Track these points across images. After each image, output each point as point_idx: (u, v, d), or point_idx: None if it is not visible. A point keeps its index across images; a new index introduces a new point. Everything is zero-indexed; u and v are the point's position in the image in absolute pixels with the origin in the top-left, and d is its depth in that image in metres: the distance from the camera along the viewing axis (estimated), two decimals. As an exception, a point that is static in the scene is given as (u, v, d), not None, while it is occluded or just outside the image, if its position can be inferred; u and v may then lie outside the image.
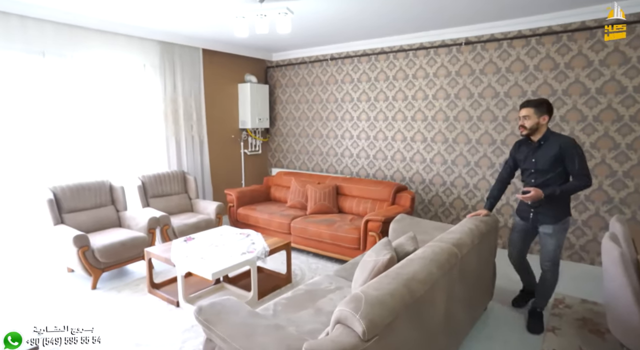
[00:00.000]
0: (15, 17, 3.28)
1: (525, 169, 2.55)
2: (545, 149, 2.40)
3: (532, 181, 2.47)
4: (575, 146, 2.34)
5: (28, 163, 3.55)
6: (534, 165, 2.46)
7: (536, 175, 2.46)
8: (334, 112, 5.19)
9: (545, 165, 2.40)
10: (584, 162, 2.34)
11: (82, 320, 2.70)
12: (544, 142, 2.42)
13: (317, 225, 3.82)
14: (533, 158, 2.46)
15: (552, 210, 2.46)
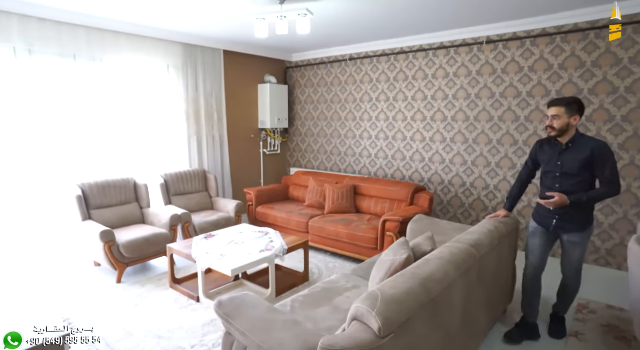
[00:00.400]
0: (51, 23, 3.44)
1: (548, 172, 2.35)
2: (574, 152, 2.20)
3: (557, 186, 2.27)
4: (609, 151, 2.17)
5: (59, 161, 3.70)
6: (560, 168, 2.26)
7: (561, 179, 2.27)
8: (352, 112, 5.19)
9: (573, 169, 2.21)
10: (616, 168, 2.17)
11: (107, 312, 2.81)
12: (572, 144, 2.22)
13: (335, 224, 3.84)
14: (559, 161, 2.26)
15: (579, 218, 2.28)
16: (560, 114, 2.17)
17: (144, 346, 2.38)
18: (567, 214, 2.28)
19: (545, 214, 2.39)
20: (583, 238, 2.32)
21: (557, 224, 2.34)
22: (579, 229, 2.29)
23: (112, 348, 2.37)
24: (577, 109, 2.17)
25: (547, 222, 2.39)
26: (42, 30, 3.40)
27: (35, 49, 3.40)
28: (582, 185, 2.21)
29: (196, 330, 2.57)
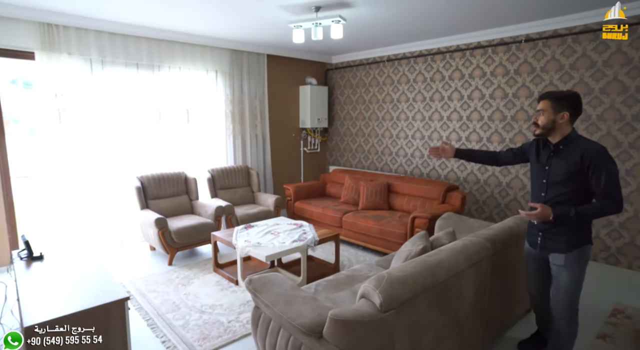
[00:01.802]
0: (119, 36, 3.94)
1: (535, 177, 2.02)
2: (564, 156, 1.86)
3: (542, 194, 1.94)
4: (604, 157, 1.76)
5: (124, 156, 4.21)
6: (546, 174, 1.92)
7: (548, 187, 1.92)
8: (389, 112, 5.30)
9: (559, 176, 1.86)
10: (614, 180, 1.74)
11: (159, 288, 3.19)
12: (563, 146, 1.87)
13: (367, 220, 4.00)
14: (547, 165, 1.92)
15: (564, 235, 1.89)
16: (545, 109, 1.87)
17: (189, 318, 2.72)
18: (551, 229, 1.93)
19: (531, 230, 2.08)
20: (571, 262, 1.89)
21: (542, 242, 1.99)
22: (564, 248, 1.90)
23: (162, 317, 2.73)
24: (566, 105, 1.83)
25: (533, 240, 2.06)
26: (112, 43, 3.90)
27: (107, 59, 3.91)
28: (571, 197, 1.85)
29: (233, 308, 2.86)
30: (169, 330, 2.57)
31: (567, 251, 1.89)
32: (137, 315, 2.79)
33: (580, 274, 1.91)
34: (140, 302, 2.97)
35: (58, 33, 3.58)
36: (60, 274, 2.35)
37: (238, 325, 2.61)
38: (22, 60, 3.59)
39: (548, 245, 1.97)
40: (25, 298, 2.02)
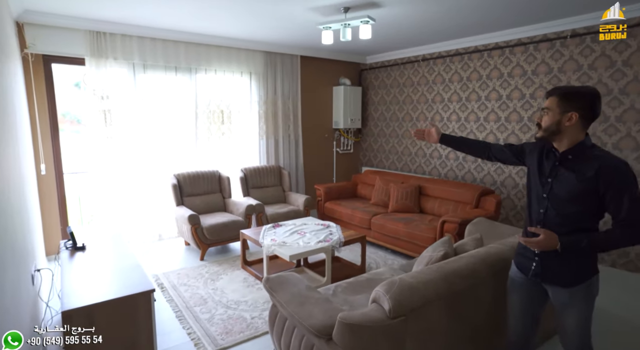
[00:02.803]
0: (160, 41, 4.16)
1: (533, 189, 1.62)
2: (573, 169, 1.48)
3: (541, 211, 1.55)
4: (626, 176, 1.39)
5: (161, 155, 4.43)
6: (549, 188, 1.53)
7: (549, 204, 1.53)
8: (424, 113, 5.17)
9: (565, 193, 1.48)
10: (638, 204, 1.38)
11: (189, 282, 3.34)
12: (572, 156, 1.49)
13: (396, 223, 3.93)
14: (550, 177, 1.54)
15: (569, 264, 1.50)
16: (551, 107, 1.51)
17: (214, 312, 2.82)
18: (551, 257, 1.53)
19: (522, 251, 1.67)
20: (578, 298, 1.51)
21: (537, 269, 1.58)
22: (569, 280, 1.51)
23: (190, 310, 2.85)
24: (576, 105, 1.45)
25: (525, 263, 1.64)
26: (153, 47, 4.13)
27: (148, 63, 4.15)
28: (578, 218, 1.47)
29: (257, 305, 2.93)
30: (194, 322, 2.68)
31: (573, 285, 1.50)
32: (168, 306, 2.94)
33: (589, 308, 1.54)
34: (172, 295, 3.12)
35: (105, 40, 3.84)
36: (97, 264, 2.53)
37: (260, 322, 2.67)
38: (76, 65, 3.90)
39: (547, 275, 1.56)
40: (66, 285, 2.19)
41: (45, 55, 3.70)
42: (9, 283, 1.67)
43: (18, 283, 1.90)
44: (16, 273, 1.91)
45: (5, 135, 2.28)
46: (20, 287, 1.94)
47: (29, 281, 2.22)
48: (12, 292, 1.70)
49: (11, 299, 1.67)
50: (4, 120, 2.09)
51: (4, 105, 2.15)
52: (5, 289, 1.56)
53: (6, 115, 2.15)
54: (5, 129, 2.33)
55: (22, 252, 2.12)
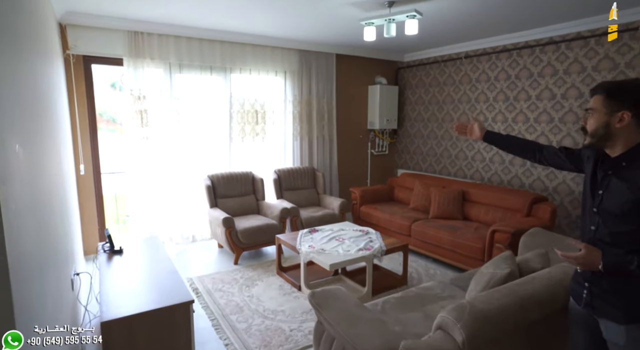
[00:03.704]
0: (195, 41, 4.11)
1: (587, 204, 1.38)
2: (628, 177, 1.24)
3: (592, 228, 1.32)
4: None
5: (195, 156, 4.38)
6: (599, 201, 1.30)
7: (600, 218, 1.29)
8: (466, 113, 4.89)
9: (614, 205, 1.25)
10: None
11: (224, 287, 3.25)
12: (627, 163, 1.25)
13: (438, 230, 3.70)
14: (601, 188, 1.31)
15: (623, 297, 1.24)
16: (596, 108, 1.28)
17: (251, 322, 2.70)
18: (603, 282, 1.28)
19: (575, 275, 1.43)
20: (634, 339, 1.22)
21: (588, 297, 1.33)
22: (622, 315, 1.23)
23: (226, 318, 2.75)
24: (627, 101, 1.22)
25: (577, 290, 1.39)
26: (189, 47, 4.08)
27: (184, 63, 4.10)
28: (634, 240, 1.21)
29: (295, 316, 2.79)
30: (231, 332, 2.57)
31: (629, 321, 1.22)
32: (203, 313, 2.85)
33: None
34: (207, 301, 3.04)
35: (143, 40, 3.82)
36: (135, 269, 2.47)
37: (300, 335, 2.53)
38: (114, 66, 3.91)
39: (596, 305, 1.30)
40: (104, 291, 2.13)
41: (85, 56, 3.72)
42: (51, 289, 1.61)
43: (59, 289, 1.84)
44: (57, 278, 1.85)
45: (50, 136, 2.25)
46: (61, 293, 1.88)
47: (69, 286, 2.17)
48: (53, 300, 1.64)
49: (52, 306, 1.61)
50: (49, 122, 2.04)
51: (49, 107, 2.11)
52: (46, 296, 1.49)
53: (51, 117, 2.11)
54: (50, 130, 2.30)
55: (63, 256, 2.07)
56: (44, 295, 1.44)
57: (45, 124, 1.93)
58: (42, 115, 1.81)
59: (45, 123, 1.93)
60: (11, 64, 1.27)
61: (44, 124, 1.90)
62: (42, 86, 1.92)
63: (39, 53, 2.08)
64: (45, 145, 1.85)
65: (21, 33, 1.52)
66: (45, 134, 1.90)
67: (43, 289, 1.43)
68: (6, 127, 1.06)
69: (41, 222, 1.52)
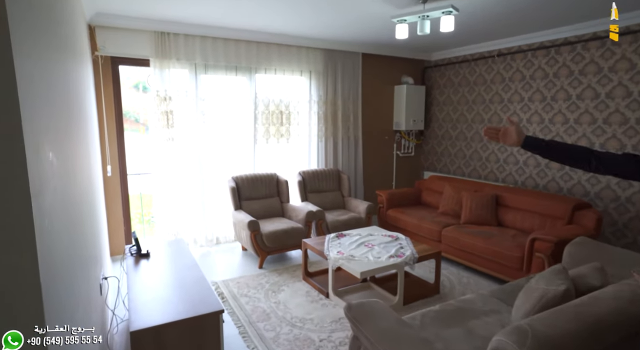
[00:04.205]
0: (221, 41, 4.06)
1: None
2: None
3: None
4: None
5: (220, 157, 4.34)
6: None
7: None
8: (498, 114, 4.68)
9: None
10: None
11: (250, 293, 3.17)
12: None
13: (472, 236, 3.52)
14: None
15: None
16: None
17: (279, 330, 2.61)
18: None
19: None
20: None
21: None
22: None
23: (253, 326, 2.67)
24: None
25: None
26: (215, 47, 4.03)
27: (210, 63, 4.06)
28: None
29: (324, 325, 2.69)
30: (259, 342, 2.49)
31: None
32: (229, 319, 2.78)
33: None
34: (233, 306, 2.97)
35: (169, 40, 3.80)
36: (162, 275, 2.41)
37: (330, 347, 2.43)
38: (141, 67, 3.90)
39: None
40: (132, 298, 2.08)
41: (113, 57, 3.71)
42: (82, 296, 1.56)
43: (89, 295, 1.80)
44: (87, 284, 1.80)
45: (81, 140, 2.22)
46: (90, 298, 1.84)
47: (98, 291, 2.13)
48: (84, 307, 1.59)
49: (83, 312, 1.56)
50: (80, 125, 2.00)
51: (81, 110, 2.07)
52: (78, 304, 1.44)
53: (82, 120, 2.08)
54: (81, 133, 2.27)
55: (92, 262, 2.03)
56: (75, 304, 1.39)
57: (77, 128, 1.89)
58: (74, 118, 1.77)
59: (77, 126, 1.89)
60: (47, 67, 1.21)
61: (76, 127, 1.86)
62: (74, 89, 1.88)
63: (71, 55, 2.05)
64: (77, 150, 1.80)
65: (53, 35, 1.47)
66: (77, 138, 1.86)
67: (74, 297, 1.38)
68: (42, 132, 0.99)
69: (72, 231, 1.46)
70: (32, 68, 0.97)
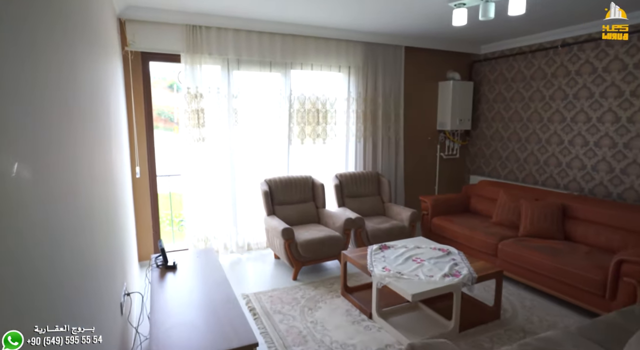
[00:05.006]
0: (255, 34, 3.80)
1: None
2: None
3: None
4: None
5: (252, 159, 4.08)
6: None
7: None
8: (560, 112, 4.15)
9: None
10: None
11: (284, 309, 2.87)
12: None
13: (537, 252, 3.06)
14: None
15: None
16: None
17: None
18: None
19: None
20: None
21: None
22: None
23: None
24: None
25: None
26: (248, 41, 3.78)
27: (243, 58, 3.81)
28: None
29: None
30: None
31: None
32: (262, 341, 2.49)
33: None
34: (265, 325, 2.68)
35: (201, 34, 3.57)
36: (190, 293, 2.15)
37: (378, 383, 2.08)
38: (171, 63, 3.70)
39: None
40: (156, 320, 1.82)
41: (143, 52, 3.53)
42: (102, 318, 1.31)
43: (107, 317, 1.55)
44: (107, 305, 1.56)
45: (111, 141, 2.00)
46: (109, 321, 1.59)
47: (118, 311, 1.89)
48: (104, 332, 1.34)
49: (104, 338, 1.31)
50: (97, 126, 1.77)
51: (98, 108, 1.84)
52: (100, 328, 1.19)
53: (99, 120, 1.85)
54: (110, 134, 2.05)
55: (111, 280, 1.79)
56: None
57: (93, 130, 1.65)
58: (84, 120, 1.52)
59: (93, 129, 1.65)
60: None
61: (92, 130, 1.62)
62: (87, 86, 1.64)
63: (99, 51, 1.84)
64: (87, 155, 1.55)
65: (82, 29, 1.24)
66: (91, 142, 1.61)
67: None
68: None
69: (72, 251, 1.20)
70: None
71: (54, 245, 0.99)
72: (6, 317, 0.69)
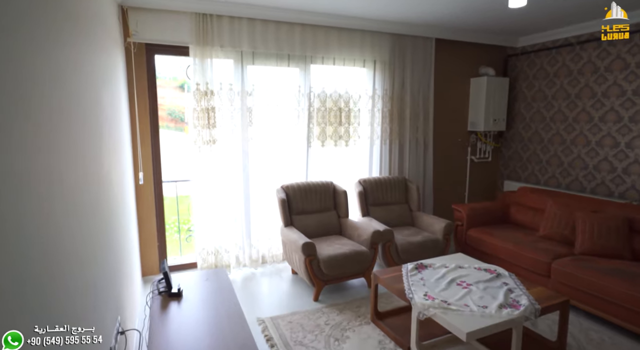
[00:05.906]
0: (272, 24, 3.41)
1: None
2: None
3: None
4: None
5: (267, 164, 3.68)
6: None
7: None
8: (615, 111, 3.67)
9: None
10: None
11: (306, 341, 2.46)
12: None
13: (603, 276, 2.60)
14: None
15: None
16: None
17: (352, 411, 1.88)
18: None
19: None
20: None
21: None
22: None
23: (315, 400, 1.96)
24: None
25: None
26: (264, 31, 3.39)
27: (258, 51, 3.42)
28: None
29: (414, 403, 1.92)
30: None
31: None
32: (283, 382, 2.09)
33: None
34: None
35: (212, 23, 3.19)
36: (196, 330, 1.75)
37: None
38: (179, 56, 3.33)
39: None
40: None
41: (148, 44, 3.16)
42: None
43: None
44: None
45: (102, 145, 1.63)
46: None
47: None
48: None
49: None
50: (100, 127, 1.39)
51: (104, 106, 1.47)
52: None
53: (103, 120, 1.47)
54: (101, 137, 1.67)
55: (101, 319, 1.40)
56: None
57: (76, 131, 1.27)
58: (60, 120, 1.14)
59: (77, 130, 1.27)
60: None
61: (76, 131, 1.24)
62: (68, 79, 1.25)
63: (95, 42, 1.48)
64: (64, 158, 1.17)
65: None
66: (75, 143, 1.23)
67: None
68: None
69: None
70: None
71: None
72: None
